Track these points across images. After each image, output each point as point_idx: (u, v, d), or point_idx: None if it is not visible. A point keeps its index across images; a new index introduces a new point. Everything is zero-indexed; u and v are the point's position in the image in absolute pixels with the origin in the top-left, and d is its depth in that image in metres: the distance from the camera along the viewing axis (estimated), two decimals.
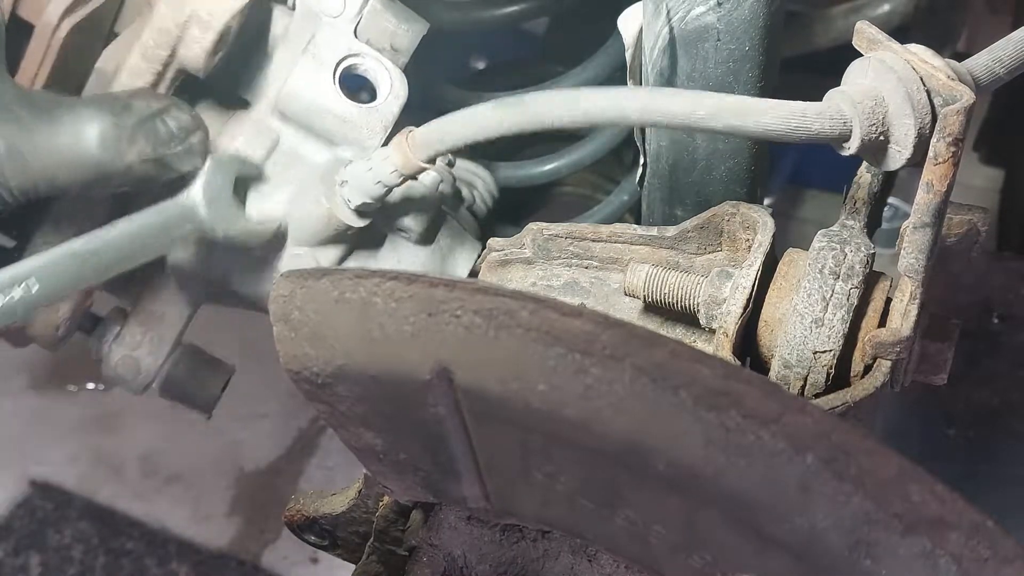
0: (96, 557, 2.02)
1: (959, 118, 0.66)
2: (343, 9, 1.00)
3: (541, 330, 0.54)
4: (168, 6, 0.89)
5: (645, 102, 0.72)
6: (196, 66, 0.92)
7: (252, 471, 2.15)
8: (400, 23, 1.03)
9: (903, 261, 0.74)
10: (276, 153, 1.00)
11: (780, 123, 0.69)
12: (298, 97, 0.99)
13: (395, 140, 0.88)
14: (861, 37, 0.72)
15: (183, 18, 0.90)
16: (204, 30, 0.90)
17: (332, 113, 0.99)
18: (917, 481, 0.50)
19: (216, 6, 0.90)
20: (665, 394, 0.52)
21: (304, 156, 1.00)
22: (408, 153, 0.86)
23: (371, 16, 1.01)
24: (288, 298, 0.63)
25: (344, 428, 0.70)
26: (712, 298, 0.80)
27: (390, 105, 1.01)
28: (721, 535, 0.58)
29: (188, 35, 0.90)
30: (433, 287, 0.57)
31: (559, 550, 0.77)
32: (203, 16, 0.90)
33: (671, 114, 0.71)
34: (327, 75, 0.99)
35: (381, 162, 0.88)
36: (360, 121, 0.99)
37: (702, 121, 0.70)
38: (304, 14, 1.00)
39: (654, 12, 0.87)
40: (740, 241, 0.86)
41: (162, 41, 0.90)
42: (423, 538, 0.82)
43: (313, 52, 0.99)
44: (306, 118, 0.99)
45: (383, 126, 1.00)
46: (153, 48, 0.90)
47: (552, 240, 0.92)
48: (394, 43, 1.03)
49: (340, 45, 1.00)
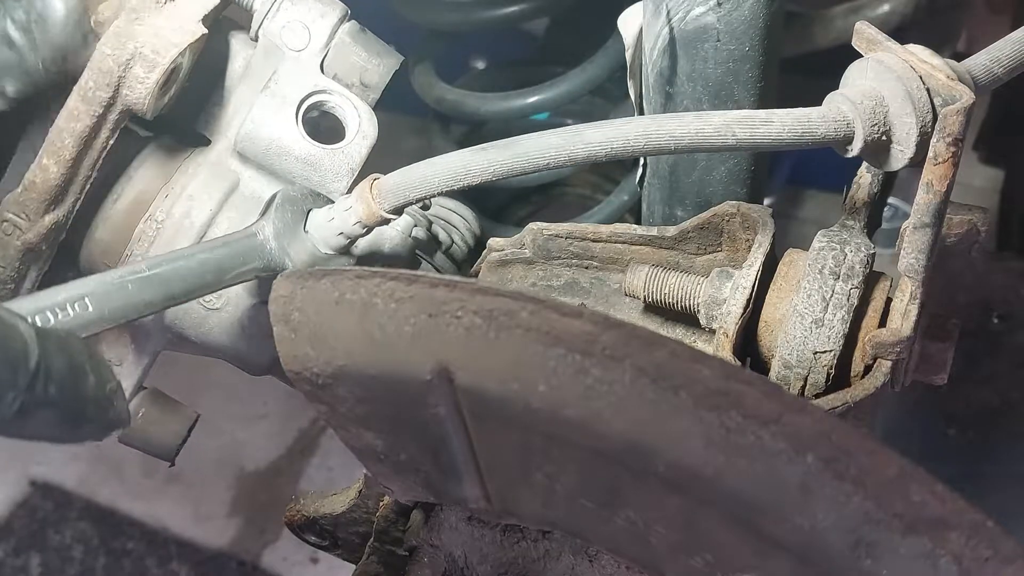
0: (96, 557, 2.02)
1: (959, 118, 0.66)
2: (307, 42, 0.93)
3: (541, 331, 0.54)
4: (109, 44, 0.83)
5: (649, 129, 0.70)
6: (141, 108, 0.84)
7: (252, 471, 2.15)
8: (371, 57, 0.96)
9: (903, 261, 0.74)
10: (235, 196, 0.93)
11: (787, 131, 0.69)
12: (257, 138, 0.92)
13: (359, 189, 0.82)
14: (861, 37, 0.72)
15: (125, 57, 0.82)
16: (149, 69, 0.83)
17: (294, 155, 0.92)
18: (917, 481, 0.50)
19: (162, 43, 0.83)
20: (665, 394, 0.52)
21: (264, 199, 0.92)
22: (372, 204, 0.80)
23: (339, 49, 0.94)
24: (289, 299, 0.63)
25: (344, 428, 0.70)
26: (712, 298, 0.80)
27: (357, 147, 0.93)
28: (721, 535, 0.58)
29: (131, 75, 0.83)
30: (434, 288, 0.57)
31: (560, 550, 0.77)
32: (147, 54, 0.83)
33: (678, 138, 0.69)
34: (289, 114, 0.92)
35: (343, 212, 0.82)
36: (325, 164, 0.92)
37: (711, 140, 0.69)
38: (266, 48, 0.93)
39: (654, 12, 0.87)
40: (740, 241, 0.86)
41: (103, 82, 0.83)
42: (423, 538, 0.82)
43: (274, 89, 0.92)
44: (266, 160, 0.93)
45: (349, 169, 0.93)
46: (92, 90, 0.83)
47: (552, 240, 0.92)
48: (364, 79, 0.96)
49: (304, 82, 0.93)
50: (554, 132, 0.73)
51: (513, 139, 0.74)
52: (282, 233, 0.83)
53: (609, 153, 0.71)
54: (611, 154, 0.71)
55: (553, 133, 0.73)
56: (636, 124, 0.71)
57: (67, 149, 0.83)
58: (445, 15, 1.46)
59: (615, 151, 0.71)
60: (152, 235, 0.92)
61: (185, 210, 0.92)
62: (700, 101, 0.90)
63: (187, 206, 0.93)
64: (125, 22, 0.83)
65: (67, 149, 0.83)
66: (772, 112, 0.69)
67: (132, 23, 0.83)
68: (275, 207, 0.84)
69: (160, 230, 0.92)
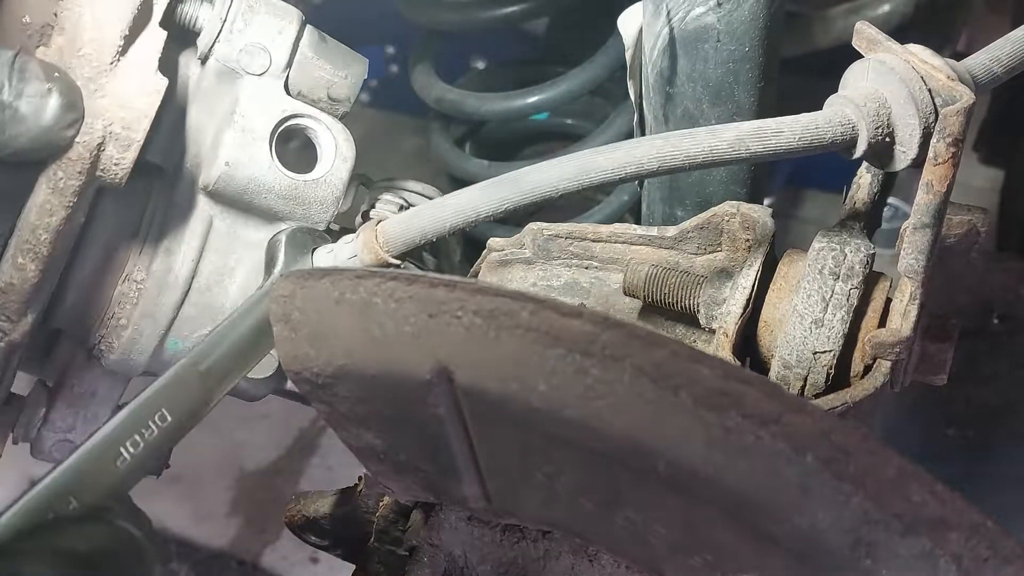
0: None
1: (959, 118, 0.66)
2: (269, 63, 0.86)
3: (541, 330, 0.54)
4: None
5: (662, 151, 0.69)
6: (116, 184, 0.79)
7: (252, 471, 2.15)
8: (336, 70, 0.89)
9: (903, 261, 0.74)
10: (212, 236, 0.88)
11: (797, 140, 0.69)
12: (233, 180, 0.85)
13: (363, 235, 0.79)
14: (861, 37, 0.72)
15: (96, 141, 0.76)
16: (123, 149, 0.77)
17: (275, 193, 0.86)
18: (917, 481, 0.50)
19: (131, 115, 0.77)
20: (665, 394, 0.52)
21: (243, 237, 0.88)
22: (379, 252, 0.78)
23: (302, 66, 0.88)
24: (289, 298, 0.63)
25: (344, 428, 0.70)
26: (712, 298, 0.80)
27: (338, 171, 0.87)
28: (721, 535, 0.58)
29: (104, 157, 0.77)
30: (434, 287, 0.57)
31: (560, 550, 0.77)
32: (119, 132, 0.77)
33: (692, 156, 0.69)
34: (262, 150, 0.85)
35: (347, 260, 0.80)
36: (308, 196, 0.86)
37: (725, 155, 0.69)
38: (218, 71, 0.86)
39: (654, 12, 0.87)
40: (740, 241, 0.86)
41: (73, 171, 0.77)
42: (423, 538, 0.82)
43: (241, 124, 0.85)
44: (243, 199, 0.86)
45: (335, 197, 0.87)
46: (64, 180, 0.77)
47: (552, 240, 0.92)
48: (332, 92, 0.89)
49: (272, 109, 0.86)
50: (565, 160, 0.72)
51: (523, 171, 0.74)
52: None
53: (623, 178, 0.71)
54: (625, 179, 0.71)
55: (564, 161, 0.72)
56: (648, 146, 0.70)
57: (44, 246, 0.78)
58: (445, 15, 1.46)
59: (628, 175, 0.71)
60: (134, 296, 0.87)
61: (165, 266, 0.87)
62: (700, 101, 0.90)
63: (167, 262, 0.87)
64: (87, 98, 0.76)
65: (44, 246, 0.78)
66: (780, 121, 0.69)
67: (94, 97, 0.77)
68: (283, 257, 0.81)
69: (142, 290, 0.87)
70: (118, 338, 0.87)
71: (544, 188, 0.73)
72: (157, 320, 0.87)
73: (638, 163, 0.70)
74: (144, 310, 0.87)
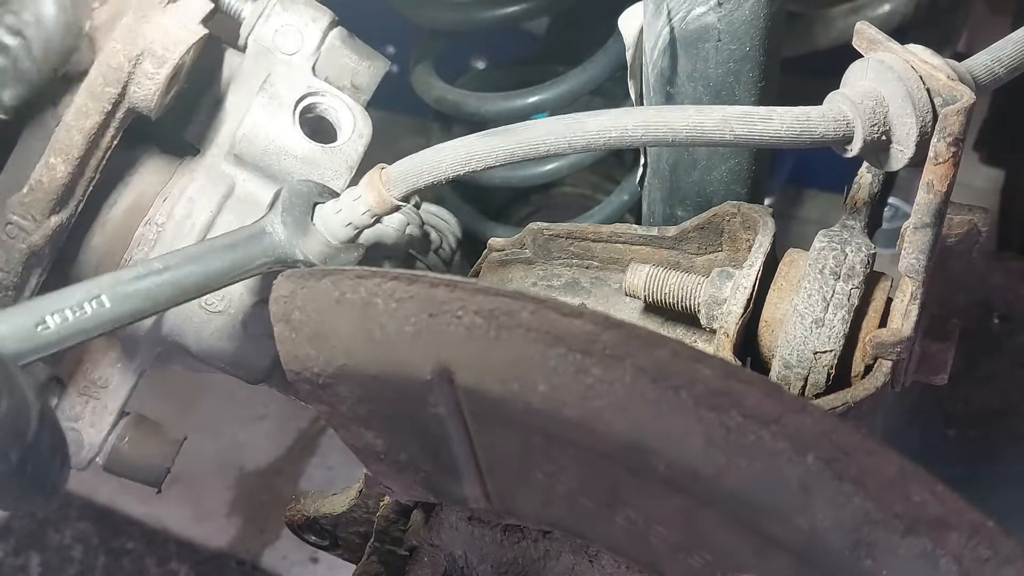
0: (96, 557, 2.02)
1: (959, 118, 0.66)
2: (300, 46, 0.95)
3: (542, 330, 0.54)
4: (120, 41, 0.82)
5: (648, 119, 0.70)
6: (148, 105, 0.85)
7: (252, 471, 2.15)
8: (361, 60, 0.98)
9: (904, 261, 0.74)
10: (232, 199, 0.94)
11: (785, 129, 0.69)
12: (255, 139, 0.93)
13: (367, 178, 0.82)
14: (861, 37, 0.72)
15: (136, 52, 0.83)
16: (158, 65, 0.83)
17: (292, 155, 0.94)
18: (917, 481, 0.50)
19: (170, 39, 0.84)
20: (666, 394, 0.52)
21: (262, 201, 0.93)
22: (382, 191, 0.80)
23: (329, 53, 0.96)
24: (289, 298, 0.63)
25: (345, 428, 0.70)
26: (713, 298, 0.80)
27: (354, 144, 0.95)
28: (721, 535, 0.58)
29: (140, 71, 0.83)
30: (434, 287, 0.57)
31: (560, 550, 0.77)
32: (157, 51, 0.83)
33: (676, 130, 0.70)
34: (286, 115, 0.94)
35: (352, 202, 0.82)
36: (323, 162, 0.94)
37: (709, 134, 0.69)
38: (257, 52, 0.95)
39: (655, 12, 0.87)
40: (741, 241, 0.86)
41: (112, 78, 0.83)
42: (424, 538, 0.82)
43: (270, 92, 0.94)
44: (264, 161, 0.94)
45: (348, 167, 0.95)
46: (102, 86, 0.83)
47: (552, 240, 0.92)
48: (355, 81, 0.98)
49: (298, 83, 0.94)
50: (555, 119, 0.73)
51: (515, 125, 0.75)
52: (290, 226, 0.82)
53: (607, 142, 0.71)
54: (609, 143, 0.71)
55: (554, 120, 0.73)
56: (636, 114, 0.71)
57: (76, 147, 0.83)
58: (445, 15, 1.46)
59: (613, 140, 0.71)
60: (152, 238, 0.92)
61: (185, 212, 0.93)
62: (701, 101, 0.90)
63: (187, 208, 0.93)
64: (134, 20, 0.83)
65: (76, 147, 0.83)
66: (772, 109, 0.69)
67: (140, 21, 0.84)
68: (281, 201, 0.83)
69: (160, 233, 0.92)
70: None
71: (533, 141, 0.74)
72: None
73: (623, 128, 0.71)
74: (159, 252, 0.91)
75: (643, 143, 0.72)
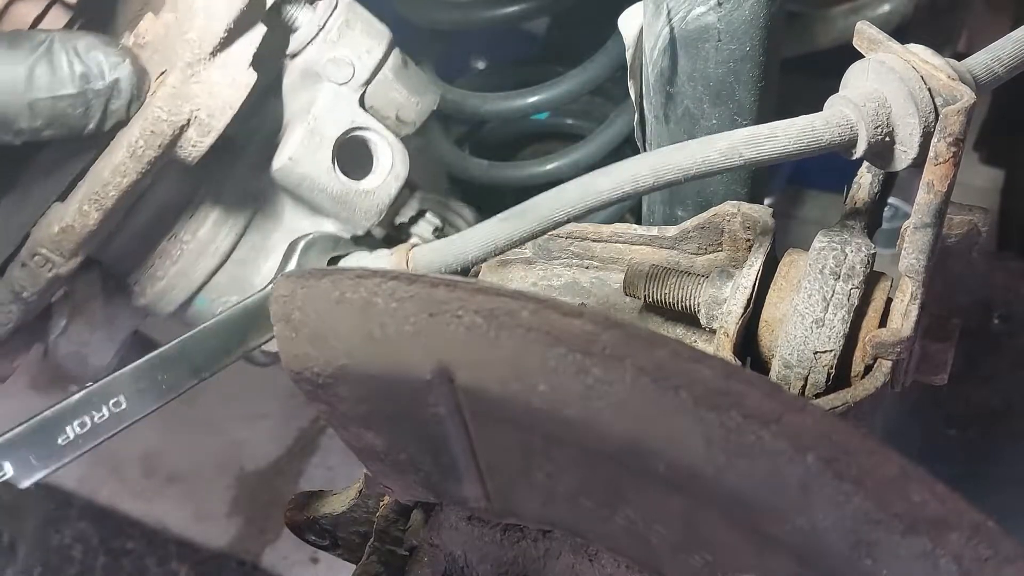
0: (96, 557, 2.02)
1: (959, 118, 0.66)
2: (351, 76, 0.93)
3: (542, 330, 0.54)
4: (163, 108, 0.81)
5: (656, 166, 0.71)
6: (189, 162, 0.85)
7: (252, 471, 2.15)
8: (411, 95, 0.97)
9: (904, 261, 0.74)
10: (259, 217, 0.94)
11: (792, 143, 0.69)
12: (293, 172, 0.92)
13: (396, 259, 0.83)
14: (861, 37, 0.72)
15: (180, 122, 0.82)
16: (203, 134, 0.82)
17: (326, 192, 0.93)
18: (918, 481, 0.50)
19: (217, 105, 0.82)
20: (666, 394, 0.52)
21: (287, 224, 0.94)
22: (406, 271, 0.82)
23: (380, 85, 0.95)
24: (289, 298, 0.63)
25: (345, 428, 0.70)
26: (713, 298, 0.80)
27: (388, 187, 0.95)
28: (721, 535, 0.58)
29: (184, 138, 0.82)
30: (434, 287, 0.57)
31: (560, 550, 0.77)
32: (203, 118, 0.82)
33: (685, 168, 0.70)
34: (325, 154, 0.92)
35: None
36: (355, 203, 0.93)
37: (719, 164, 0.70)
38: (304, 71, 0.93)
39: (654, 12, 0.87)
40: (741, 241, 0.86)
41: (154, 143, 0.82)
42: (424, 538, 0.82)
43: (313, 126, 0.92)
44: (297, 192, 0.93)
45: (379, 210, 0.95)
46: (143, 148, 0.82)
47: (552, 240, 0.92)
48: (400, 114, 0.97)
49: (343, 117, 0.93)
50: (568, 187, 0.74)
51: (531, 202, 0.77)
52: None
53: (623, 195, 0.72)
54: (625, 196, 0.72)
55: (567, 188, 0.74)
56: (643, 163, 0.72)
57: (109, 200, 0.83)
58: (445, 15, 1.46)
59: (627, 193, 0.72)
60: (175, 255, 0.93)
61: (211, 236, 0.93)
62: (701, 101, 0.90)
63: (213, 232, 0.93)
64: (181, 80, 0.81)
65: (109, 200, 0.83)
66: (775, 126, 0.70)
67: (188, 81, 0.81)
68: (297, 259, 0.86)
69: (184, 251, 0.93)
70: (152, 287, 0.94)
71: (553, 215, 0.75)
72: (191, 280, 0.94)
73: (634, 180, 0.71)
74: (181, 269, 0.93)
75: (658, 188, 0.72)
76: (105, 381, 0.78)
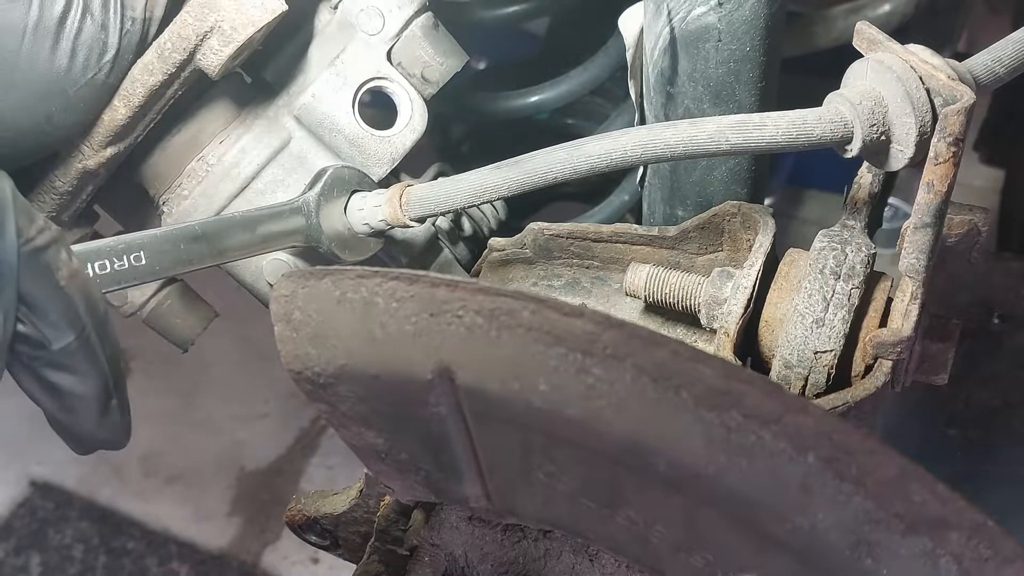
0: (97, 557, 2.02)
1: (959, 118, 0.66)
2: (381, 28, 0.98)
3: (543, 330, 0.54)
4: (191, 14, 0.87)
5: (644, 139, 0.73)
6: (211, 73, 0.90)
7: (252, 471, 2.15)
8: (436, 55, 1.01)
9: (904, 261, 0.74)
10: (283, 153, 1.00)
11: (781, 134, 0.69)
12: (314, 111, 0.98)
13: (391, 193, 0.89)
14: (861, 37, 0.72)
15: (204, 28, 0.87)
16: (224, 44, 0.88)
17: (343, 134, 0.98)
18: (918, 481, 0.50)
19: (241, 20, 0.87)
20: (666, 394, 0.52)
21: (309, 163, 0.99)
22: (398, 211, 0.87)
23: (408, 41, 0.99)
24: (290, 298, 0.63)
25: (346, 428, 0.70)
26: (713, 298, 0.80)
27: (404, 137, 1.00)
28: (722, 535, 0.58)
29: (207, 45, 0.88)
30: (435, 287, 0.57)
31: (560, 550, 0.77)
32: (225, 29, 0.87)
33: (672, 145, 0.72)
34: (347, 95, 0.98)
35: (372, 208, 0.89)
36: (370, 148, 0.98)
37: (705, 146, 0.71)
38: (341, 23, 0.98)
39: (655, 12, 0.87)
40: (741, 241, 0.86)
41: (179, 46, 0.88)
42: (424, 538, 0.82)
43: (339, 68, 0.98)
44: (318, 130, 0.99)
45: (391, 158, 0.99)
46: (170, 51, 0.88)
47: (553, 240, 0.92)
48: (425, 73, 1.01)
49: (368, 66, 0.98)
50: (559, 148, 0.78)
51: (524, 156, 0.80)
52: (324, 209, 0.91)
53: (609, 164, 0.75)
54: (611, 165, 0.75)
55: (558, 149, 0.78)
56: (632, 135, 0.74)
57: (137, 96, 0.89)
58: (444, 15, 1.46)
59: (614, 162, 0.75)
60: (201, 175, 0.98)
61: (235, 160, 0.98)
62: (701, 101, 0.90)
63: (237, 157, 0.98)
64: None
65: (137, 96, 0.89)
66: (767, 115, 0.70)
67: None
68: (322, 184, 0.91)
69: (209, 173, 0.98)
70: (178, 205, 1.00)
71: (541, 169, 0.79)
72: (212, 201, 0.99)
73: (623, 150, 0.74)
74: (205, 190, 0.99)
75: (643, 161, 0.75)
76: (131, 235, 0.84)
